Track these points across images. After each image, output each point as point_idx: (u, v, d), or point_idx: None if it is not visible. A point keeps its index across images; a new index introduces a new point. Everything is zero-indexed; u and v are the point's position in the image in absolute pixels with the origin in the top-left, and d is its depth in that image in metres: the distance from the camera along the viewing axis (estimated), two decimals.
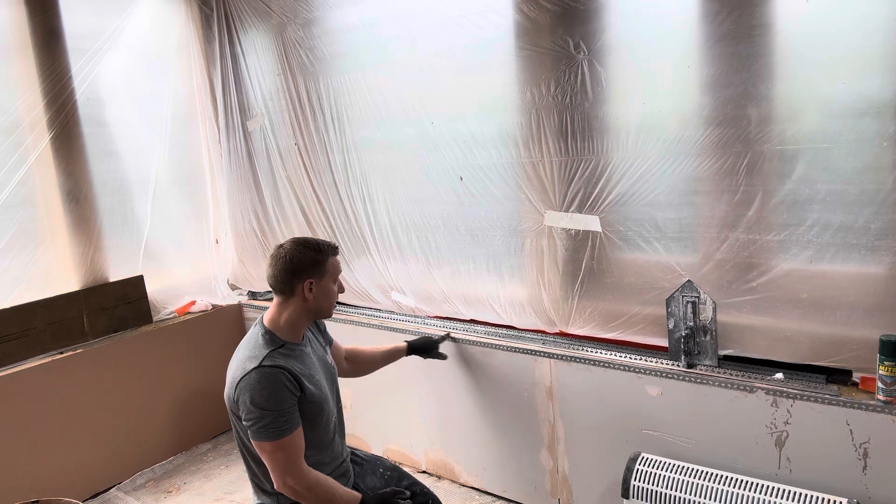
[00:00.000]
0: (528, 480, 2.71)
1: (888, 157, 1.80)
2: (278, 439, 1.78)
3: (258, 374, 1.79)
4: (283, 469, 1.79)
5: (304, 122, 3.18)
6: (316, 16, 3.04)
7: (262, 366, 1.80)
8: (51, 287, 3.06)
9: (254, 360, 1.82)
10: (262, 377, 1.78)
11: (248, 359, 1.84)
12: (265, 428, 1.77)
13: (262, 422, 1.77)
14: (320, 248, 1.94)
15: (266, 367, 1.80)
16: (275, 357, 1.84)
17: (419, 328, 2.97)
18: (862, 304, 1.92)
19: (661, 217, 2.21)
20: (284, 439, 1.78)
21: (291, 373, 1.83)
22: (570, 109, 2.32)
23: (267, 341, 1.88)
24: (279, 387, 1.79)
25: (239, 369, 1.84)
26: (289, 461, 1.79)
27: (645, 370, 2.31)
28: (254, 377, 1.78)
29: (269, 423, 1.77)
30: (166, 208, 3.50)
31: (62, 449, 2.98)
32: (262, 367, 1.80)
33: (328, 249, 1.96)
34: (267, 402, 1.77)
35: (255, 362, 1.81)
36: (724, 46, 1.98)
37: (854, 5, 1.79)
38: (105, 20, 3.19)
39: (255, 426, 1.78)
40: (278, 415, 1.77)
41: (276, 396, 1.78)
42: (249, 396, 1.77)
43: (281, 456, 1.79)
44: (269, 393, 1.77)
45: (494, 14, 2.45)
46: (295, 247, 1.93)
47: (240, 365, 1.85)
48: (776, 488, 1.96)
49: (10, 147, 2.91)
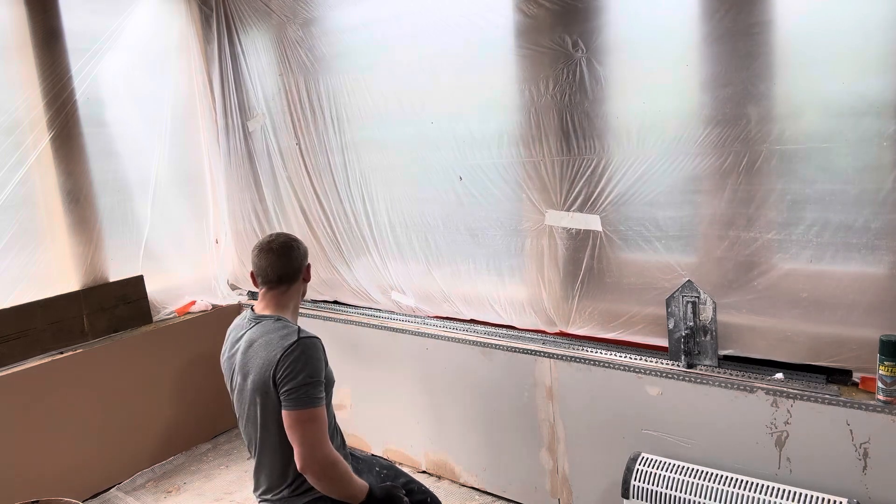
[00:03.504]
0: (528, 480, 2.71)
1: (888, 157, 1.79)
2: (315, 408, 1.83)
3: (303, 344, 1.86)
4: (315, 440, 1.82)
5: (304, 121, 3.18)
6: (316, 16, 3.04)
7: (302, 338, 1.87)
8: (51, 287, 3.06)
9: (291, 336, 1.88)
10: (309, 346, 1.86)
11: (282, 337, 1.88)
12: (307, 395, 1.82)
13: (304, 389, 1.82)
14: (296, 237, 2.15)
15: (306, 338, 1.88)
16: (303, 331, 1.91)
17: (419, 328, 2.97)
18: (862, 303, 1.91)
19: (661, 216, 2.21)
20: (319, 409, 1.84)
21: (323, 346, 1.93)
22: (569, 108, 2.32)
23: (288, 324, 1.96)
24: (321, 355, 1.89)
25: (277, 348, 1.86)
26: (321, 432, 1.84)
27: (645, 370, 2.31)
28: (302, 346, 1.85)
29: (309, 391, 1.82)
30: (166, 208, 3.50)
31: (62, 449, 2.98)
32: (303, 339, 1.87)
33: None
34: (314, 370, 1.84)
35: (293, 336, 1.87)
36: (723, 45, 1.98)
37: (854, 5, 1.79)
38: (105, 20, 3.19)
39: (297, 394, 1.81)
40: (319, 383, 1.85)
41: (319, 365, 1.87)
42: (300, 365, 1.82)
43: (313, 427, 1.83)
44: (315, 361, 1.86)
45: (493, 13, 2.44)
46: (290, 237, 2.09)
47: (277, 344, 1.87)
48: (776, 488, 1.96)
49: (10, 147, 2.91)
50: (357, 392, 3.23)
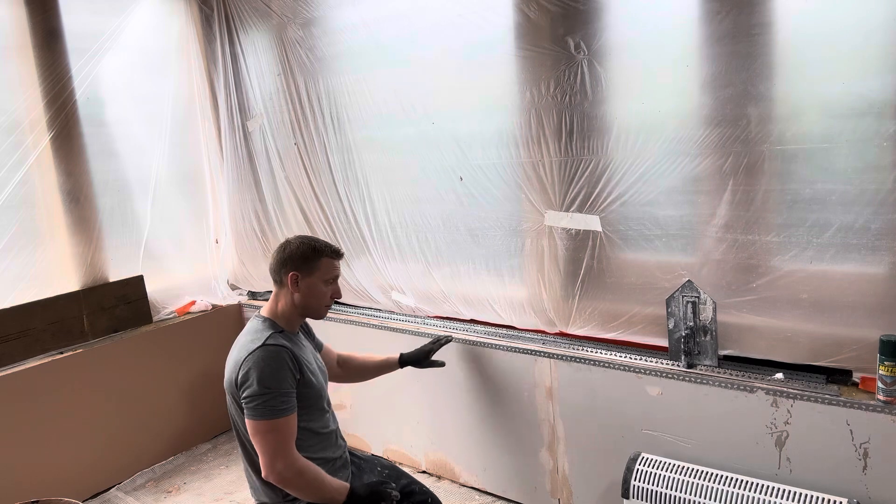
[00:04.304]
0: (528, 480, 2.71)
1: (888, 157, 1.80)
2: (274, 419, 1.80)
3: (262, 351, 1.84)
4: (273, 451, 1.81)
5: (304, 121, 3.18)
6: (316, 16, 3.04)
7: (266, 345, 1.85)
8: (51, 287, 3.06)
9: (257, 341, 1.87)
10: (267, 355, 1.83)
11: (251, 341, 1.89)
12: (263, 406, 1.80)
13: (260, 399, 1.80)
14: (316, 246, 2.01)
15: (270, 345, 1.85)
16: (277, 338, 1.89)
17: (419, 328, 2.97)
18: (862, 304, 1.92)
19: (661, 217, 2.21)
20: (279, 420, 1.81)
21: (293, 353, 1.88)
22: (569, 109, 2.32)
23: (267, 326, 1.95)
24: (282, 365, 1.83)
25: (242, 350, 1.88)
26: (280, 444, 1.81)
27: (645, 370, 2.31)
28: (258, 354, 1.83)
29: (267, 402, 1.80)
30: (166, 208, 3.50)
31: (62, 449, 2.98)
32: (266, 345, 1.85)
33: (325, 250, 2.02)
34: (269, 380, 1.81)
35: (258, 342, 1.86)
36: (723, 46, 1.98)
37: (854, 5, 1.79)
38: (105, 20, 3.19)
39: (253, 403, 1.80)
40: (278, 394, 1.81)
41: (278, 375, 1.82)
42: (254, 374, 1.81)
43: (273, 438, 1.81)
44: (271, 370, 1.81)
45: (494, 14, 2.44)
46: (294, 240, 2.04)
47: (243, 347, 1.89)
48: (776, 488, 1.96)
49: (10, 147, 2.91)
50: (357, 392, 3.23)
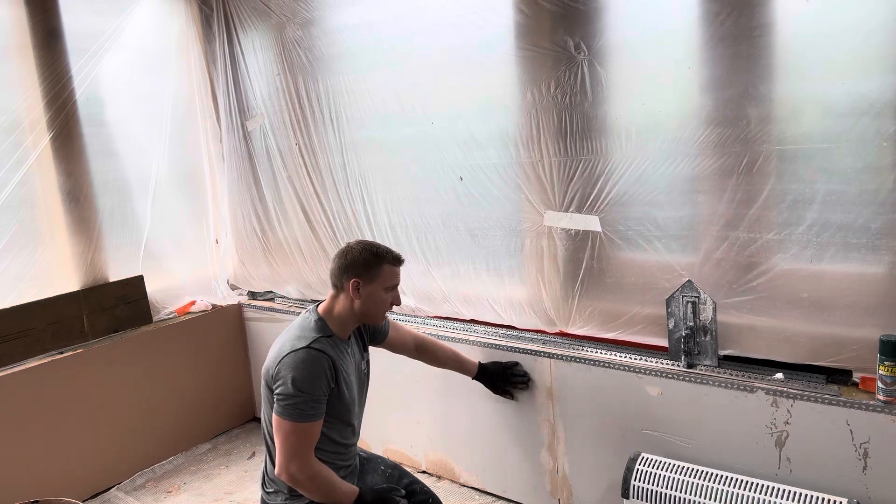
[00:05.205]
0: (528, 480, 2.71)
1: (888, 157, 1.80)
2: (300, 422, 1.83)
3: (305, 353, 1.86)
4: (291, 453, 1.83)
5: (304, 121, 3.18)
6: (315, 16, 3.04)
7: (311, 347, 1.87)
8: (51, 287, 3.06)
9: (303, 340, 1.89)
10: (308, 358, 1.86)
11: (297, 338, 1.91)
12: (292, 407, 1.82)
13: (291, 400, 1.82)
14: (378, 253, 2.01)
15: (314, 349, 1.87)
16: (323, 343, 1.91)
17: (419, 328, 2.97)
18: (862, 304, 1.92)
19: (661, 217, 2.21)
20: (304, 424, 1.83)
21: (334, 363, 1.90)
22: (569, 110, 2.32)
23: (319, 328, 1.96)
24: (319, 372, 1.86)
25: (287, 345, 1.90)
26: (300, 447, 1.84)
27: (645, 370, 2.31)
28: (300, 356, 1.86)
29: (297, 404, 1.82)
30: (166, 208, 3.50)
31: (62, 449, 2.98)
32: (311, 348, 1.87)
33: (386, 256, 2.03)
34: (303, 384, 1.83)
35: (304, 342, 1.88)
36: (724, 47, 1.98)
37: (854, 5, 1.79)
38: (105, 20, 3.19)
39: (284, 402, 1.83)
40: (310, 399, 1.84)
41: (313, 380, 1.84)
42: (291, 374, 1.83)
43: (295, 440, 1.83)
44: (308, 375, 1.84)
45: (494, 14, 2.44)
46: (356, 245, 2.03)
47: (289, 341, 1.91)
48: (776, 488, 1.96)
49: (10, 147, 2.90)
50: None
